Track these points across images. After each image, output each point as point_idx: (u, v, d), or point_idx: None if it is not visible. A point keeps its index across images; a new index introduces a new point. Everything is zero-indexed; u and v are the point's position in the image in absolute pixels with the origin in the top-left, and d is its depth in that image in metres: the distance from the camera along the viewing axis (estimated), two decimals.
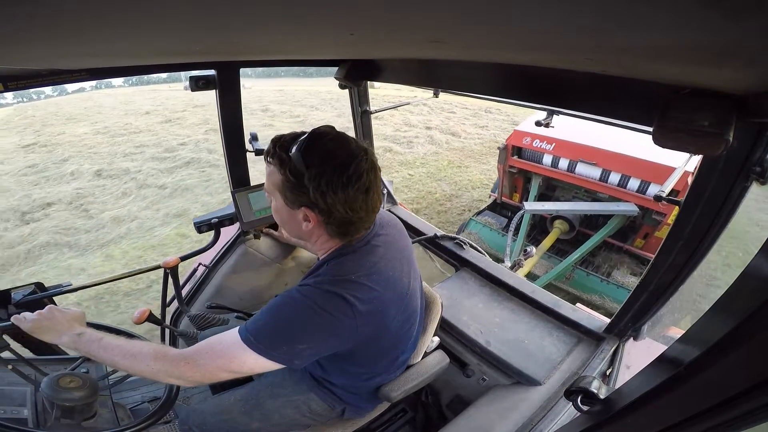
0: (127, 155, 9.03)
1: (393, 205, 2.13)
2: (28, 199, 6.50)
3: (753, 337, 0.33)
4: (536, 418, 1.08)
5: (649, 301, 1.11)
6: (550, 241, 3.92)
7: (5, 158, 9.25)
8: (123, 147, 9.69)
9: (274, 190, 0.82)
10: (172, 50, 0.82)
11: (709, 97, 0.58)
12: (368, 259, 0.82)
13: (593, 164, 3.84)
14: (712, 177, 0.80)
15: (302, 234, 0.85)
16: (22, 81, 0.99)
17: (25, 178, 7.76)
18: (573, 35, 0.38)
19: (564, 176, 4.09)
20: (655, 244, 3.63)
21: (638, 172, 3.58)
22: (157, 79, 49.97)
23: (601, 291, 3.61)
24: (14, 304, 1.27)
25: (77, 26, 0.38)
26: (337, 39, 0.62)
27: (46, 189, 7.03)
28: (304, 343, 0.75)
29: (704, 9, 0.22)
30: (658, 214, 3.57)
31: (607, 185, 3.79)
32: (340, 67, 1.47)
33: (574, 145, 3.94)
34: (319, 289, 0.76)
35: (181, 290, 1.61)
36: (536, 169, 4.26)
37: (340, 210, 0.75)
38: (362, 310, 0.77)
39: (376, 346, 0.88)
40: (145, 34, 0.51)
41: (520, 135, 4.30)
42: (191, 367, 0.77)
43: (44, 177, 7.75)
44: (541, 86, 0.90)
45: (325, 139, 0.76)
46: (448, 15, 0.34)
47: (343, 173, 0.73)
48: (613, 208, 3.66)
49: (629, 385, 0.56)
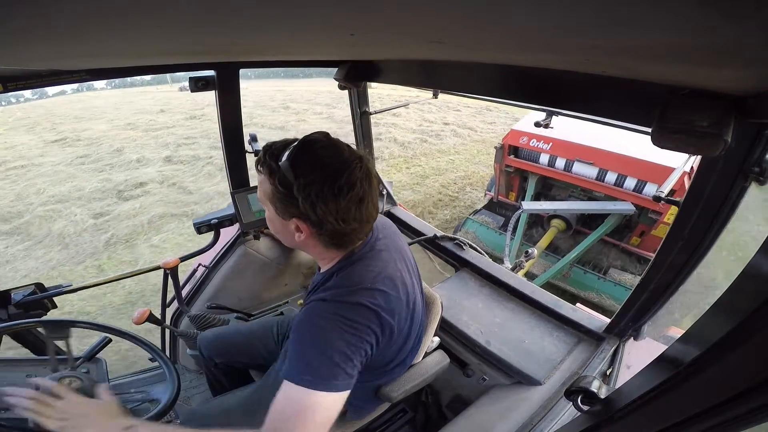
0: (181, 145, 9.41)
1: (393, 205, 2.13)
2: (111, 183, 7.06)
3: (753, 337, 0.33)
4: (536, 418, 1.08)
5: (649, 301, 1.11)
6: (548, 239, 3.94)
7: (42, 152, 9.53)
8: (168, 138, 10.06)
9: (265, 199, 0.79)
10: (171, 51, 0.82)
11: (708, 98, 0.58)
12: (376, 265, 0.81)
13: (590, 164, 3.87)
14: (711, 177, 0.80)
15: (297, 245, 0.82)
16: (22, 81, 0.99)
17: (85, 167, 8.13)
18: (572, 35, 0.38)
19: (561, 175, 4.12)
20: (651, 242, 3.74)
21: (635, 172, 3.61)
22: (142, 81, 48.94)
23: (598, 288, 3.64)
24: (14, 305, 1.27)
25: (77, 26, 0.38)
26: (337, 39, 0.62)
27: (122, 174, 7.51)
28: (352, 359, 0.71)
29: (704, 8, 0.22)
30: (655, 213, 3.61)
31: (603, 184, 3.83)
32: (340, 67, 1.47)
33: (571, 144, 3.97)
34: (340, 303, 0.74)
35: (181, 290, 1.61)
36: (533, 168, 4.29)
37: (332, 221, 0.72)
38: (385, 316, 0.76)
39: (387, 350, 0.88)
40: (145, 35, 0.51)
41: (517, 134, 4.32)
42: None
43: (107, 165, 8.21)
44: (541, 87, 0.90)
45: (316, 147, 0.73)
46: (448, 15, 0.34)
47: (335, 183, 0.69)
48: (610, 207, 3.70)
49: (629, 385, 0.56)
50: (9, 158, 8.96)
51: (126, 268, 4.37)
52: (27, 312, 1.29)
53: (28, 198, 6.43)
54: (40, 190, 6.69)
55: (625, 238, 4.01)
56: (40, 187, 6.84)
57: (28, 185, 6.98)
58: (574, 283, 3.79)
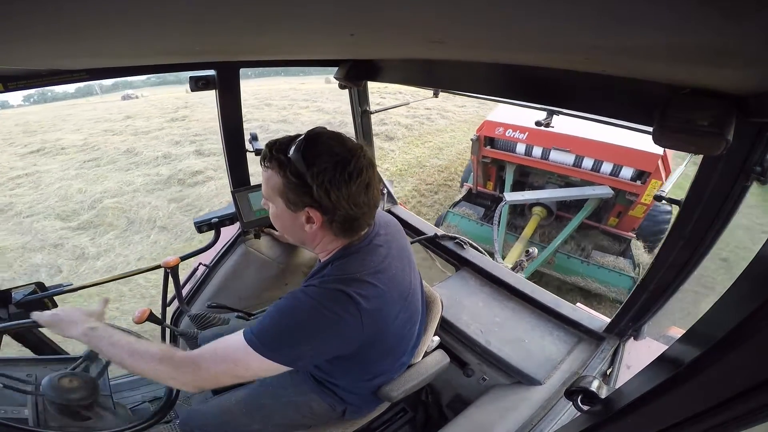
0: (194, 141, 9.57)
1: (393, 205, 2.13)
2: (160, 176, 7.22)
3: (753, 337, 0.33)
4: (536, 418, 1.08)
5: (649, 300, 1.11)
6: (532, 227, 4.05)
7: (34, 161, 9.33)
8: (169, 138, 10.17)
9: (273, 194, 0.81)
10: (172, 50, 0.82)
11: (709, 97, 0.58)
12: (372, 258, 0.82)
13: (567, 151, 3.99)
14: (712, 177, 0.80)
15: (305, 237, 0.84)
16: (22, 81, 1.00)
17: (104, 168, 8.18)
18: (573, 35, 0.38)
19: (538, 163, 4.23)
20: (629, 222, 3.99)
21: (611, 157, 3.77)
22: (65, 95, 42.42)
23: (583, 273, 3.76)
24: (14, 304, 1.27)
25: (77, 26, 0.38)
26: (338, 39, 0.62)
27: (163, 168, 7.74)
28: (308, 344, 0.75)
29: (704, 8, 0.22)
30: (631, 195, 3.78)
31: (581, 170, 3.98)
32: (340, 67, 1.47)
33: (548, 133, 4.01)
34: (324, 288, 0.76)
35: (181, 290, 1.61)
36: (510, 158, 4.36)
37: (345, 206, 0.75)
38: (367, 308, 0.76)
39: (380, 346, 0.88)
40: (145, 35, 0.51)
41: (492, 125, 4.37)
42: (194, 371, 0.76)
43: (131, 164, 8.34)
44: (541, 86, 0.90)
45: (322, 137, 0.76)
46: (449, 15, 0.34)
47: (344, 170, 0.73)
48: (589, 192, 3.86)
49: (629, 385, 0.56)
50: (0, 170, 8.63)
51: None
52: (27, 311, 1.29)
53: (73, 197, 6.43)
54: (81, 190, 6.69)
55: (603, 220, 4.20)
56: (78, 187, 6.82)
57: (60, 187, 6.91)
58: (559, 269, 3.87)
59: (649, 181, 3.58)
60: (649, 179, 3.57)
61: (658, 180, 3.51)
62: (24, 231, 5.29)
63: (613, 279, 3.62)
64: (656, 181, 3.52)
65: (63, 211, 5.89)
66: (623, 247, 4.07)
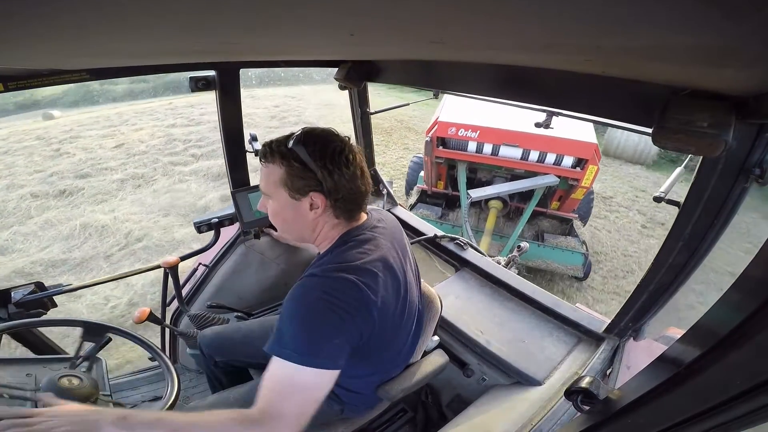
0: (200, 146, 9.33)
1: (393, 206, 2.13)
2: (218, 167, 7.30)
3: (753, 337, 0.33)
4: (536, 418, 1.07)
5: (649, 301, 1.11)
6: (492, 220, 4.37)
7: (110, 156, 8.76)
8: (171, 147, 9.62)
9: (274, 188, 0.82)
10: (172, 50, 0.82)
11: (709, 98, 0.58)
12: (369, 248, 0.84)
13: (515, 146, 4.32)
14: (711, 178, 0.80)
15: (305, 229, 0.86)
16: (22, 81, 1.00)
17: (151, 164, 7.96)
18: (573, 35, 0.38)
19: (488, 159, 4.48)
20: (569, 204, 4.56)
21: (554, 148, 4.17)
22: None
23: (540, 255, 4.15)
24: (14, 304, 1.27)
25: (77, 26, 0.38)
26: (337, 40, 0.62)
27: (211, 161, 7.73)
28: (336, 336, 0.73)
29: (704, 8, 0.22)
30: (573, 180, 4.26)
31: (527, 162, 4.34)
32: (340, 68, 1.47)
33: (498, 130, 4.33)
34: (326, 277, 0.76)
35: (181, 290, 1.61)
36: (462, 156, 4.51)
37: (346, 186, 0.81)
38: (370, 294, 0.77)
39: (379, 338, 0.88)
40: (145, 35, 0.51)
41: (445, 126, 4.49)
42: (279, 421, 0.69)
43: (175, 161, 8.10)
44: (541, 87, 0.90)
45: (316, 131, 0.84)
46: (449, 15, 0.34)
47: (341, 155, 0.81)
48: (540, 182, 4.23)
49: (629, 385, 0.56)
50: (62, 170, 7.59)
51: None
52: (27, 311, 1.29)
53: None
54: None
55: (548, 205, 4.69)
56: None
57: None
58: (523, 255, 4.00)
59: (587, 166, 4.07)
60: (587, 165, 4.07)
61: (594, 165, 4.06)
62: None
63: (568, 258, 4.10)
64: (593, 166, 4.07)
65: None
66: (567, 228, 4.61)
